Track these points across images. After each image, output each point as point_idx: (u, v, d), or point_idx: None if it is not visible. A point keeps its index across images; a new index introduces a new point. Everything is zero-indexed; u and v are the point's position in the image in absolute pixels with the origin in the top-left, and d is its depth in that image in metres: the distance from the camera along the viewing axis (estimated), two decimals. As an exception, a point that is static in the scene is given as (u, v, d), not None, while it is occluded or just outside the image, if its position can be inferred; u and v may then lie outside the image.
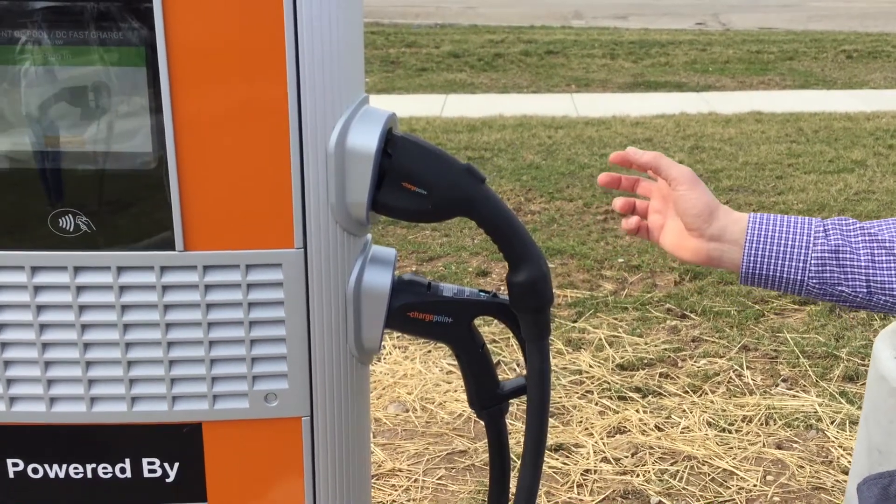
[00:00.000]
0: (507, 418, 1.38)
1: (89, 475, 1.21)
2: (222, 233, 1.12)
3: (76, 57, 1.05)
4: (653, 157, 1.28)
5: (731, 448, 2.97)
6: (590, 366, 3.47)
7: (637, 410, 3.18)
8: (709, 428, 3.08)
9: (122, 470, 1.21)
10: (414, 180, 1.17)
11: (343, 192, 1.14)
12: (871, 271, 1.16)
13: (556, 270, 4.35)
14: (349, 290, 1.19)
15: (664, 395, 3.28)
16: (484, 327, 3.65)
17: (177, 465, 1.21)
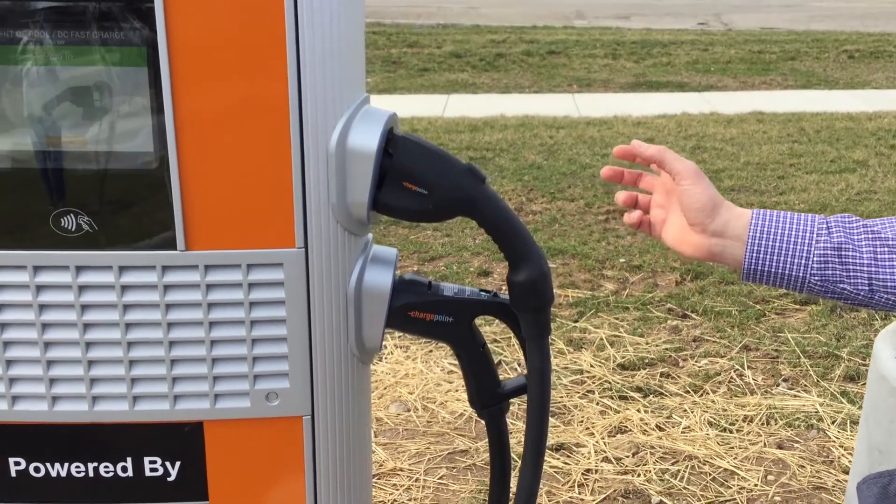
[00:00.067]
0: (508, 418, 1.38)
1: (91, 474, 1.21)
2: (223, 232, 1.12)
3: (78, 57, 1.05)
4: (657, 150, 1.28)
5: (732, 448, 2.97)
6: (591, 365, 3.47)
7: (638, 410, 3.18)
8: (710, 428, 3.08)
9: (124, 469, 1.21)
10: (415, 180, 1.17)
11: (344, 192, 1.14)
12: (873, 269, 1.16)
13: (558, 270, 4.35)
14: (350, 289, 1.20)
15: (665, 395, 3.28)
16: (485, 327, 3.65)
17: (178, 464, 1.22)
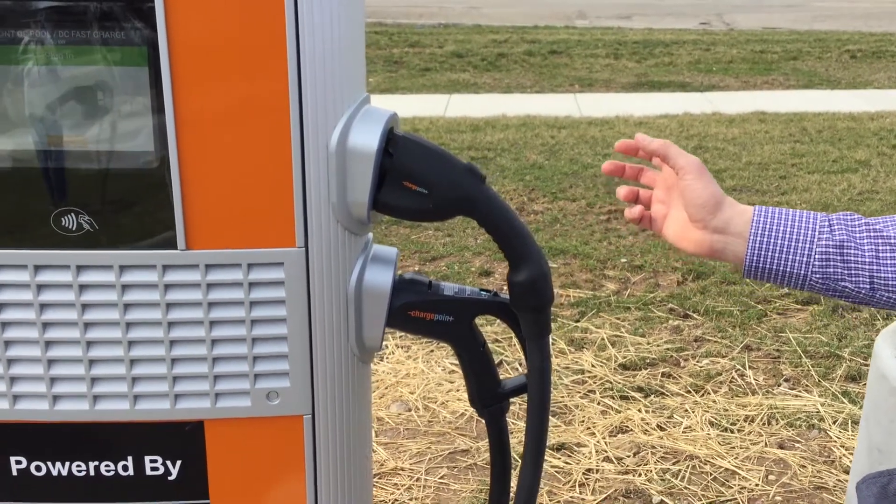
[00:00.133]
0: (508, 417, 1.39)
1: (92, 473, 1.21)
2: (224, 232, 1.12)
3: (78, 57, 1.05)
4: (662, 144, 1.27)
5: (733, 448, 2.97)
6: (592, 365, 3.47)
7: (639, 410, 3.18)
8: (711, 427, 3.08)
9: (125, 468, 1.21)
10: (415, 179, 1.18)
11: (344, 191, 1.15)
12: (875, 267, 1.16)
13: (559, 270, 4.35)
14: (350, 288, 1.20)
15: (666, 395, 3.28)
16: (486, 327, 3.65)
17: (179, 462, 1.22)
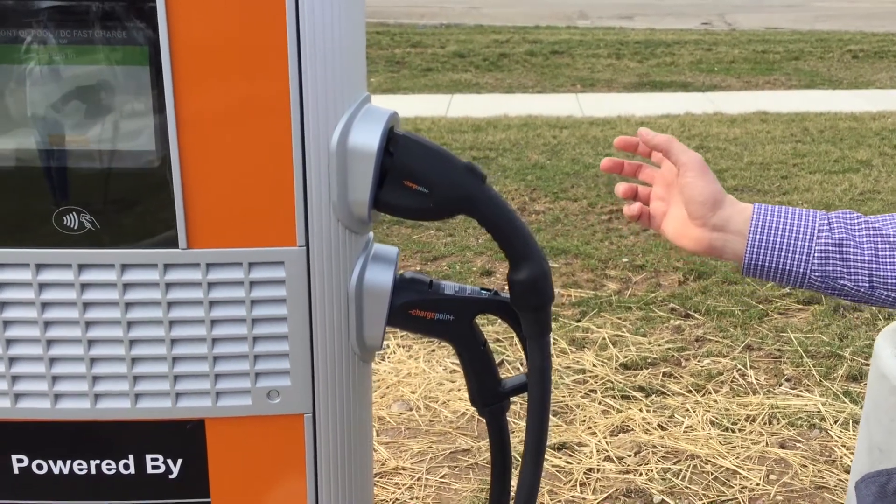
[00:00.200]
0: (509, 416, 1.39)
1: (93, 471, 1.22)
2: (225, 231, 1.13)
3: (80, 56, 1.06)
4: (665, 139, 1.27)
5: (735, 447, 2.97)
6: (593, 365, 3.47)
7: (640, 409, 3.18)
8: (712, 427, 3.08)
9: (126, 466, 1.22)
10: (415, 179, 1.18)
11: (345, 191, 1.15)
12: (874, 266, 1.16)
13: (561, 270, 4.35)
14: (351, 287, 1.20)
15: (667, 395, 3.28)
16: (488, 326, 3.66)
17: (180, 461, 1.22)
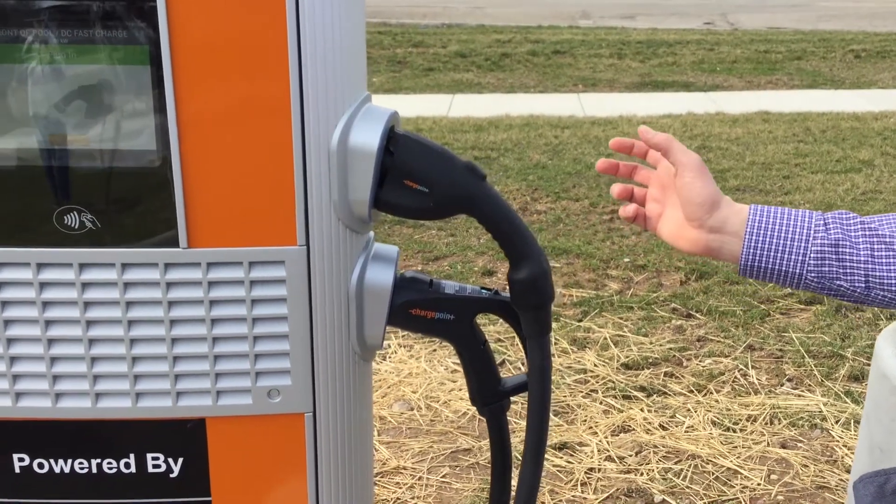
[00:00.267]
0: (510, 416, 1.39)
1: (94, 470, 1.22)
2: (226, 230, 1.13)
3: (81, 56, 1.06)
4: (665, 138, 1.27)
5: (736, 447, 2.97)
6: (595, 365, 3.48)
7: (641, 409, 3.18)
8: (713, 427, 3.08)
9: (127, 465, 1.22)
10: (415, 178, 1.18)
11: (345, 190, 1.15)
12: (870, 266, 1.16)
13: (562, 270, 4.36)
14: (351, 287, 1.20)
15: (669, 395, 3.28)
16: (489, 326, 3.66)
17: (181, 460, 1.22)
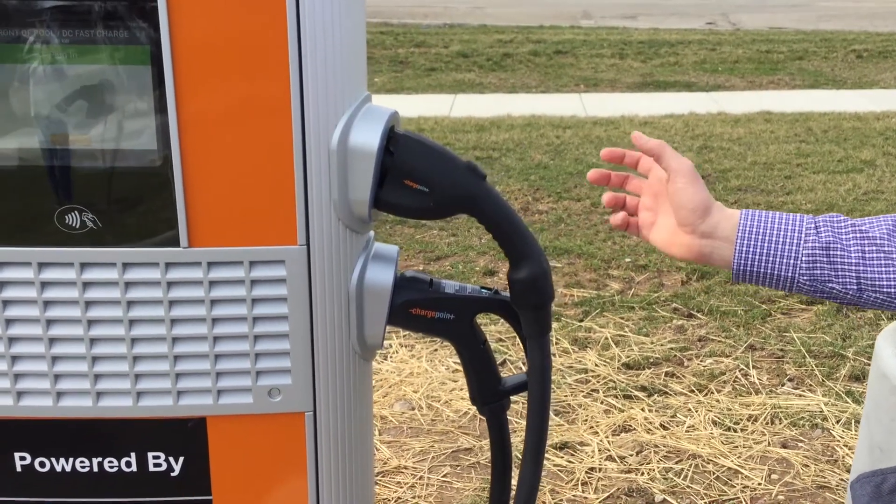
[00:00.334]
0: (511, 416, 1.39)
1: (95, 469, 1.22)
2: (226, 230, 1.13)
3: (82, 55, 1.06)
4: (658, 144, 1.28)
5: (737, 447, 2.97)
6: (595, 364, 3.48)
7: (642, 409, 3.18)
8: (714, 427, 3.08)
9: (128, 464, 1.22)
10: (416, 178, 1.18)
11: (345, 190, 1.15)
12: (861, 268, 1.16)
13: (564, 270, 4.36)
14: (352, 286, 1.21)
15: (670, 394, 3.28)
16: (490, 326, 3.66)
17: (181, 459, 1.23)
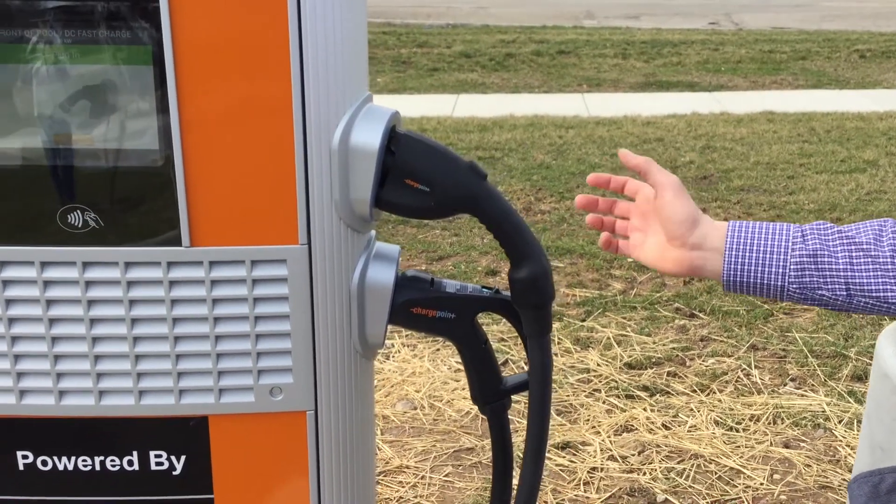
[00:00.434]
0: (512, 415, 1.39)
1: (97, 468, 1.23)
2: (228, 229, 1.13)
3: (85, 56, 1.07)
4: (644, 160, 1.31)
5: (739, 447, 2.97)
6: (598, 364, 3.48)
7: (644, 409, 3.18)
8: (716, 427, 3.08)
9: (130, 463, 1.23)
10: (417, 177, 1.19)
11: (347, 189, 1.16)
12: (849, 274, 1.17)
13: (566, 270, 4.36)
14: (353, 285, 1.21)
15: (672, 394, 3.28)
16: (492, 326, 3.66)
17: (183, 458, 1.23)
